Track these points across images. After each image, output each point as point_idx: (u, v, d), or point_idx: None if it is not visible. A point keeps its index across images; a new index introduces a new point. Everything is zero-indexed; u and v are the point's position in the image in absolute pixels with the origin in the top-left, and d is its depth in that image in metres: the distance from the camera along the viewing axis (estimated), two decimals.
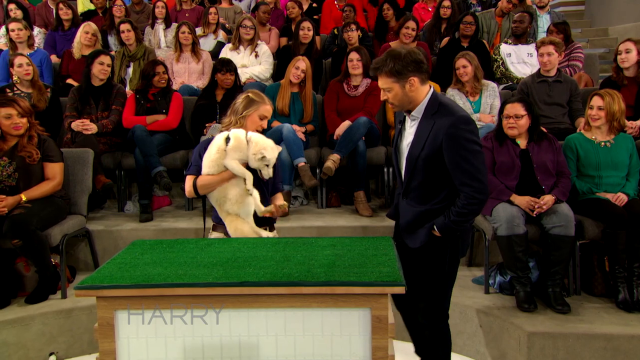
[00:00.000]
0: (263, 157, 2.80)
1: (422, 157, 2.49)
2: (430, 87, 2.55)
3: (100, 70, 4.63)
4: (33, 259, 3.57)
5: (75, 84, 5.31)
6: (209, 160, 2.86)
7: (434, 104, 2.51)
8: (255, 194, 2.89)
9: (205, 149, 2.93)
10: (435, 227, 2.55)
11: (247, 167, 2.87)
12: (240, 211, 2.89)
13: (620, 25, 8.08)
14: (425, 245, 2.60)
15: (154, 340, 2.24)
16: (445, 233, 2.54)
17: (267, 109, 3.01)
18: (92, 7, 7.53)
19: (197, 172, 2.91)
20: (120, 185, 4.68)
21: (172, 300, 2.19)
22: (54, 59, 6.02)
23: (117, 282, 2.20)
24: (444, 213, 2.53)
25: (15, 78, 4.67)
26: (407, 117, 2.62)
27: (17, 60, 4.65)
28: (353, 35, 5.49)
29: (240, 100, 3.03)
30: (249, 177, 2.84)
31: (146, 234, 4.10)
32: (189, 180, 2.93)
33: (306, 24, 5.45)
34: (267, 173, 2.84)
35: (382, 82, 2.52)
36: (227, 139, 2.84)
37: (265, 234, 2.97)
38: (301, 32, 5.42)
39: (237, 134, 2.85)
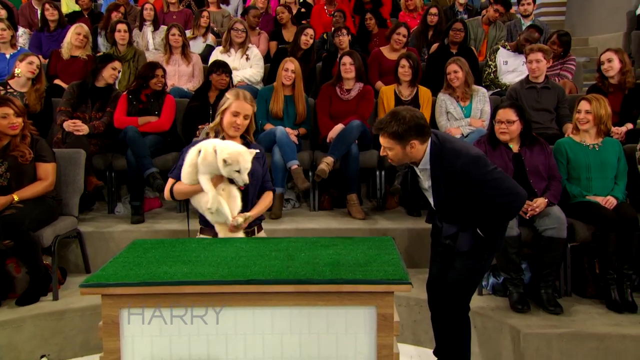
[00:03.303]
0: (226, 164, 2.75)
1: (451, 199, 2.66)
2: (429, 140, 2.64)
3: (111, 75, 4.67)
4: (24, 260, 3.52)
5: (63, 84, 5.27)
6: (184, 171, 2.89)
7: (436, 154, 2.62)
8: (224, 204, 2.87)
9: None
10: (478, 229, 2.68)
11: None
12: (219, 219, 2.90)
13: (600, 36, 8.27)
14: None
15: (158, 338, 2.22)
16: (488, 234, 2.68)
17: (238, 104, 2.98)
18: (76, 8, 7.47)
19: (179, 176, 2.95)
20: (110, 187, 4.63)
21: (178, 298, 2.18)
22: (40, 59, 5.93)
23: (122, 280, 2.19)
24: (485, 216, 2.68)
25: (17, 71, 4.59)
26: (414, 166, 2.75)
27: (30, 58, 4.62)
28: (344, 40, 5.53)
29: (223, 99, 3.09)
30: (211, 195, 2.82)
31: (138, 235, 4.05)
32: (169, 183, 2.99)
33: (309, 31, 5.47)
34: (241, 179, 2.80)
35: (384, 142, 2.64)
36: (199, 153, 2.85)
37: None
38: (303, 38, 5.43)
39: (206, 145, 2.83)
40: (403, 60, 4.67)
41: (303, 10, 7.22)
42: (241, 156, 2.76)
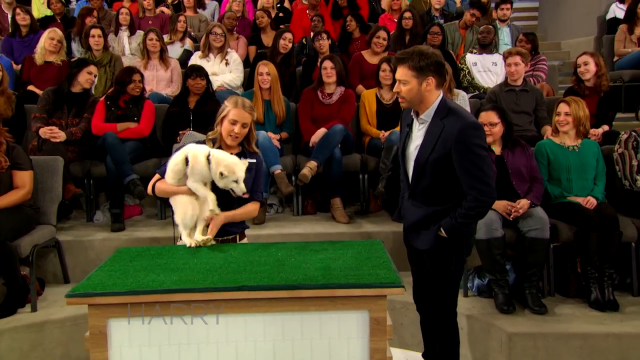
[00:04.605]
0: (223, 176, 2.66)
1: (431, 161, 2.56)
2: (441, 92, 2.62)
3: (87, 79, 4.57)
4: (1, 271, 3.40)
5: (37, 90, 5.15)
6: (167, 174, 2.82)
7: (443, 108, 2.57)
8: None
9: None
10: (441, 228, 2.60)
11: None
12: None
13: (572, 40, 8.44)
14: (432, 246, 2.66)
15: (147, 348, 2.18)
16: (451, 234, 2.60)
17: (236, 112, 2.86)
18: (48, 12, 7.32)
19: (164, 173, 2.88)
20: (89, 194, 4.53)
21: (168, 307, 2.14)
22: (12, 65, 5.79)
23: (110, 289, 2.14)
24: (450, 215, 2.58)
25: None
26: (415, 121, 2.68)
27: None
28: (324, 44, 5.53)
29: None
30: (210, 198, 2.73)
31: (119, 244, 3.95)
32: (154, 179, 2.93)
33: (288, 35, 5.45)
34: (239, 189, 2.71)
35: (402, 74, 2.56)
36: (186, 160, 2.75)
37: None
38: (282, 42, 5.41)
39: (195, 153, 2.75)
40: (384, 65, 4.68)
41: (281, 15, 7.21)
42: (236, 166, 2.69)
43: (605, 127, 4.46)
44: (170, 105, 4.79)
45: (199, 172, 2.71)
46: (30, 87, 5.29)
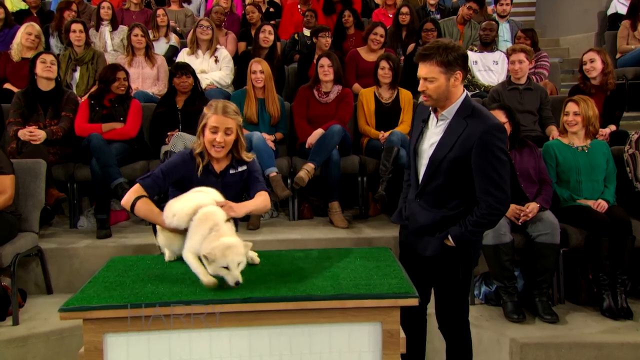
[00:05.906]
0: (209, 260, 2.13)
1: (448, 159, 2.39)
2: (464, 88, 2.47)
3: (43, 68, 4.25)
4: None
5: (14, 88, 4.89)
6: (172, 209, 2.44)
7: (467, 107, 2.41)
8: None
9: (178, 168, 2.64)
10: (449, 236, 2.44)
11: None
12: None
13: (570, 36, 8.32)
14: (436, 254, 2.50)
15: None
16: (460, 243, 2.44)
17: (215, 119, 2.59)
18: (22, 6, 6.99)
19: (149, 187, 2.56)
20: (72, 199, 4.28)
21: (168, 320, 1.99)
22: None
23: (106, 302, 1.99)
24: (459, 222, 2.42)
25: None
26: (432, 116, 2.51)
27: None
28: (328, 42, 5.33)
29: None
30: (201, 273, 2.18)
31: (105, 251, 3.73)
32: (134, 191, 2.54)
33: (267, 28, 5.24)
34: (231, 277, 2.10)
35: (428, 71, 2.38)
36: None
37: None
38: (261, 36, 5.21)
39: (205, 215, 2.30)
40: (383, 62, 4.50)
41: (272, 10, 7.03)
42: (229, 249, 2.14)
43: (613, 127, 4.33)
44: (158, 106, 4.56)
45: (194, 239, 2.28)
46: (7, 85, 5.03)
